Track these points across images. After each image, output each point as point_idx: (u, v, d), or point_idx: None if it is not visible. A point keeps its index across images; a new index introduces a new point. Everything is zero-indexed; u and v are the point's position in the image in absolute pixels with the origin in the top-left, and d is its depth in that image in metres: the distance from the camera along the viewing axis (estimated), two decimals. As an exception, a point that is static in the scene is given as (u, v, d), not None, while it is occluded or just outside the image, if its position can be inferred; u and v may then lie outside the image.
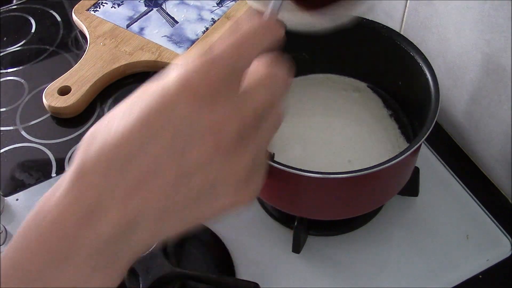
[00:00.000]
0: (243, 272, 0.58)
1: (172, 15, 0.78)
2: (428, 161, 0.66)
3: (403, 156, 0.48)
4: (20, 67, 0.76)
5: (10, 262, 0.27)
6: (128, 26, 0.76)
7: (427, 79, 0.54)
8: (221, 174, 0.29)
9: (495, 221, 0.61)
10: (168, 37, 0.75)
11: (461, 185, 0.64)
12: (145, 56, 0.72)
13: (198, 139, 0.28)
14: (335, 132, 0.61)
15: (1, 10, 0.84)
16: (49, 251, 0.27)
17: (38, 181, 0.64)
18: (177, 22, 0.77)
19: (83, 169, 0.28)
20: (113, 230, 0.27)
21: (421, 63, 0.55)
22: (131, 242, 0.28)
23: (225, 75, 0.28)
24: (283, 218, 0.61)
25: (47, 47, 0.79)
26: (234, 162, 0.29)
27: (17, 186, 0.64)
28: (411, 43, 0.56)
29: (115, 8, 0.79)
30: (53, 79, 0.71)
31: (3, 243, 0.59)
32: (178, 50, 0.73)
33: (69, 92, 0.69)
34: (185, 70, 0.28)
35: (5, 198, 0.64)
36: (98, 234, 0.27)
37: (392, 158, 0.48)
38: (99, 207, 0.27)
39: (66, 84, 0.70)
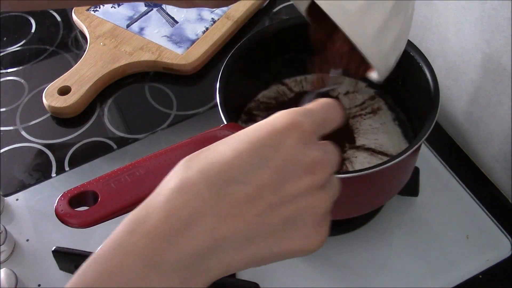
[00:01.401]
0: (243, 272, 0.58)
1: (172, 15, 0.78)
2: (428, 161, 0.66)
3: (403, 156, 0.48)
4: (20, 67, 0.76)
5: (101, 266, 0.29)
6: (128, 26, 0.76)
7: (427, 79, 0.54)
8: (305, 208, 0.32)
9: (495, 221, 0.61)
10: (168, 37, 0.75)
11: (461, 185, 0.64)
12: (145, 56, 0.72)
13: (298, 175, 0.31)
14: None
15: (1, 10, 0.84)
16: (142, 257, 0.29)
17: (38, 181, 0.64)
18: (177, 22, 0.77)
19: (183, 186, 0.30)
20: (200, 247, 0.29)
21: (421, 63, 0.55)
22: (212, 262, 0.30)
23: (319, 125, 0.33)
24: (283, 218, 0.61)
25: (47, 47, 0.79)
26: (317, 201, 0.32)
27: (17, 186, 0.64)
28: (411, 43, 0.56)
29: (115, 8, 0.79)
30: (53, 79, 0.71)
31: (3, 243, 0.59)
32: (178, 50, 0.73)
33: (69, 92, 0.69)
34: (293, 114, 0.32)
35: (5, 198, 0.64)
36: (188, 248, 0.29)
37: (392, 158, 0.48)
38: (193, 223, 0.29)
39: (66, 84, 0.69)
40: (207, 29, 0.75)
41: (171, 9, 0.79)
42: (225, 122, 0.51)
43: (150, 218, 0.29)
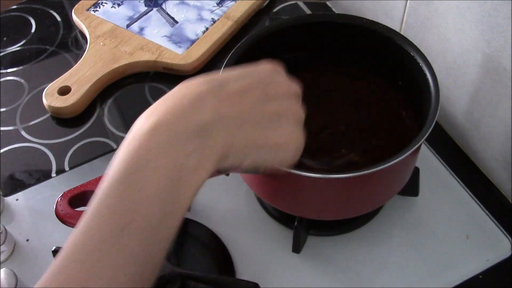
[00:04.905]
0: (243, 272, 0.58)
1: (172, 15, 0.78)
2: (428, 161, 0.66)
3: (403, 156, 0.48)
4: (20, 67, 0.76)
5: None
6: (128, 26, 0.76)
7: (427, 79, 0.54)
8: (286, 109, 0.41)
9: (495, 221, 0.61)
10: (168, 37, 0.75)
11: (461, 185, 0.64)
12: (145, 56, 0.72)
13: (278, 82, 0.42)
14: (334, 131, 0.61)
15: (1, 10, 0.84)
16: (163, 132, 0.36)
17: (38, 181, 0.64)
18: (177, 22, 0.77)
19: (184, 85, 0.39)
20: (205, 120, 0.37)
21: (421, 63, 0.55)
22: (217, 137, 0.37)
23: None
24: (283, 218, 0.61)
25: (47, 47, 0.79)
26: (295, 106, 0.42)
27: (17, 186, 0.64)
28: (411, 43, 0.56)
29: (115, 8, 0.79)
30: (53, 79, 0.71)
31: (3, 243, 0.59)
32: (178, 50, 0.73)
33: (69, 92, 0.69)
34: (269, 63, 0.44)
35: (5, 198, 0.64)
36: (197, 120, 0.37)
37: (392, 158, 0.48)
38: (201, 102, 0.38)
39: (66, 84, 0.70)
40: (207, 29, 0.75)
41: (171, 9, 0.79)
42: (225, 122, 0.51)
43: (158, 107, 0.38)
